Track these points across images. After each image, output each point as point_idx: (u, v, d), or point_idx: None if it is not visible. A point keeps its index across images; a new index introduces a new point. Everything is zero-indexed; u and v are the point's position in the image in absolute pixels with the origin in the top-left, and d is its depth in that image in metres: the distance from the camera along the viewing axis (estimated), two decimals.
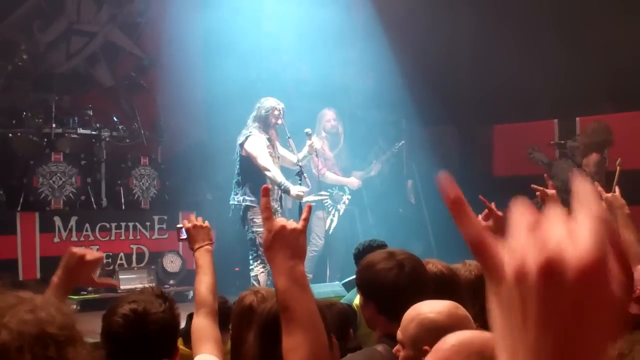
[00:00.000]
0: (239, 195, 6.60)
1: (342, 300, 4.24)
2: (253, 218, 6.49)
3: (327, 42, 8.87)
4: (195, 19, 9.03)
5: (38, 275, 6.89)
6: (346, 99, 9.86)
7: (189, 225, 3.06)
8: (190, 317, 2.93)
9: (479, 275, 3.41)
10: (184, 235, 3.09)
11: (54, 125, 7.66)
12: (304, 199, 6.42)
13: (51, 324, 1.12)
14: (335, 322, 3.02)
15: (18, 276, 6.75)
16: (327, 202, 7.76)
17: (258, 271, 6.56)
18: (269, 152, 6.58)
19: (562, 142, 8.59)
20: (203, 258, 2.94)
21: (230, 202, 6.67)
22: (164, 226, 7.86)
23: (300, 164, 6.61)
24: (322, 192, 7.64)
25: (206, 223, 3.05)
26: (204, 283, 2.83)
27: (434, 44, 9.43)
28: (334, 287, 6.05)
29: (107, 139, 8.00)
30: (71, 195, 7.54)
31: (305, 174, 6.56)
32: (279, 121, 6.70)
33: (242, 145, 6.58)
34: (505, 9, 9.52)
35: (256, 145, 6.51)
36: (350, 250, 7.08)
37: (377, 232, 8.04)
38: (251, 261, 6.69)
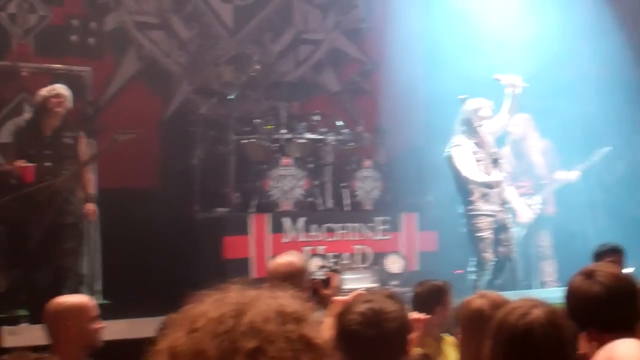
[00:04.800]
0: (459, 204, 6.96)
1: None
2: (468, 225, 6.85)
3: (555, 37, 8.48)
4: (416, 21, 9.05)
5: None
6: (577, 95, 9.38)
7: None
8: None
9: None
10: None
11: (283, 131, 8.04)
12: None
13: (289, 306, 1.33)
14: None
15: (251, 274, 7.15)
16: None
17: (476, 275, 6.68)
18: (477, 157, 6.72)
19: None
20: None
21: None
22: (387, 227, 7.94)
23: (495, 150, 6.73)
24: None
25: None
26: None
27: None
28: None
29: (333, 143, 8.23)
30: (300, 197, 7.87)
31: (500, 160, 6.64)
32: (486, 121, 6.73)
33: (448, 158, 6.84)
34: None
35: (457, 156, 6.75)
36: (580, 253, 6.77)
37: (611, 235, 7.56)
38: (471, 267, 6.84)
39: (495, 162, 6.57)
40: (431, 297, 4.21)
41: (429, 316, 2.94)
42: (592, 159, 7.93)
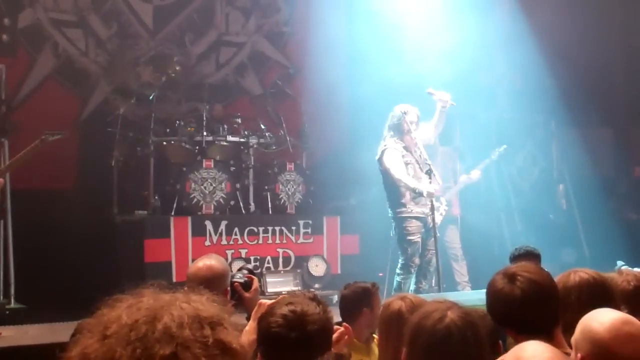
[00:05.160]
0: (388, 207, 6.94)
1: None
2: (398, 228, 6.84)
3: (472, 45, 8.70)
4: (339, 27, 9.13)
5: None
6: (492, 101, 9.64)
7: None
8: None
9: (637, 286, 3.22)
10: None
11: (205, 133, 7.95)
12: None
13: (205, 310, 1.30)
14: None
15: (172, 278, 7.04)
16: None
17: (402, 278, 6.72)
18: (406, 160, 6.80)
19: None
20: None
21: None
22: (309, 231, 7.96)
23: (429, 162, 6.70)
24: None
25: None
26: None
27: (585, 43, 9.02)
28: (481, 295, 5.90)
29: (255, 146, 8.19)
30: (221, 200, 7.79)
31: (434, 172, 6.64)
32: (413, 126, 6.75)
33: (379, 160, 6.83)
34: None
35: (389, 159, 6.77)
36: (496, 255, 6.93)
37: (525, 238, 7.80)
38: (397, 269, 6.83)
39: (429, 173, 6.63)
40: (358, 299, 4.20)
41: (348, 330, 2.95)
42: (491, 157, 8.30)
